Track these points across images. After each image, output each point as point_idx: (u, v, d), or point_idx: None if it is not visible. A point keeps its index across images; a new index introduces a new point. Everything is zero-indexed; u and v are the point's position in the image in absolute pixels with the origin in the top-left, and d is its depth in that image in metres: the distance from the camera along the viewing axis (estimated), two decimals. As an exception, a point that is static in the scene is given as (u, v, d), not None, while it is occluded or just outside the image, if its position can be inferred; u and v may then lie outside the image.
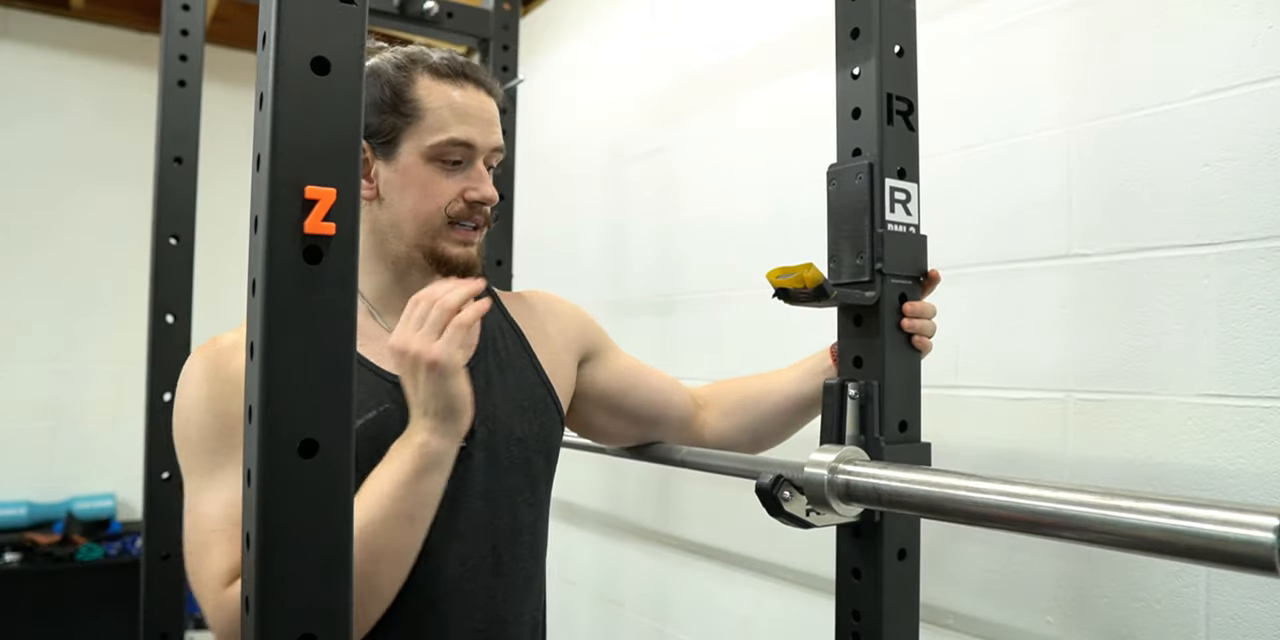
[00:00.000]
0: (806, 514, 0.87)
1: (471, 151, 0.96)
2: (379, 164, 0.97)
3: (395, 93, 0.95)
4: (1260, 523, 0.56)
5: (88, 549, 2.80)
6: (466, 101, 0.96)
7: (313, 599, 0.53)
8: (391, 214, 0.97)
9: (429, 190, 0.95)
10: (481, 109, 0.97)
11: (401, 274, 0.99)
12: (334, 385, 0.55)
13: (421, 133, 0.94)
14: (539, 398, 1.05)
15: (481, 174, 0.98)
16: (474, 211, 0.98)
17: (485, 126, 0.97)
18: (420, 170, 0.95)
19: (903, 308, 0.93)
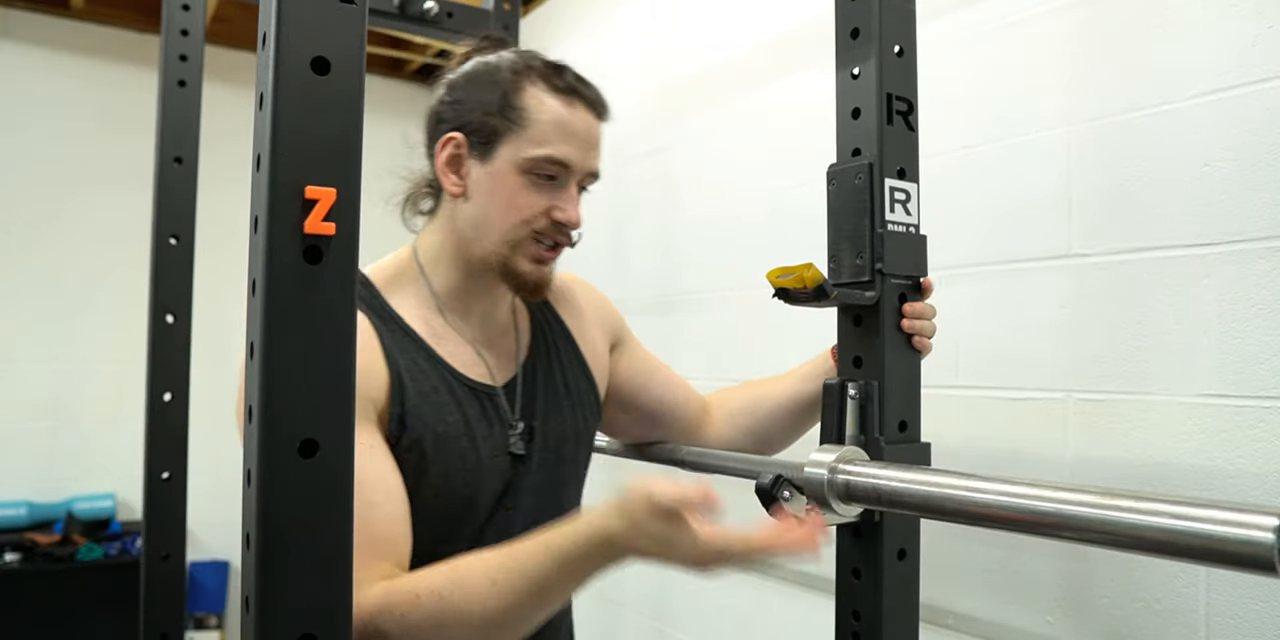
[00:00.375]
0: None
1: (566, 171, 0.95)
2: (473, 162, 0.95)
3: (504, 96, 0.94)
4: (1260, 523, 0.56)
5: (88, 549, 2.80)
6: (573, 120, 0.95)
7: (313, 599, 0.53)
8: (475, 215, 0.96)
9: (516, 201, 0.94)
10: (586, 131, 0.96)
11: (474, 276, 0.98)
12: (334, 385, 0.55)
13: (521, 142, 0.93)
14: (584, 391, 1.06)
15: (571, 196, 0.96)
16: (557, 232, 0.96)
17: (586, 149, 0.96)
18: (512, 179, 0.94)
19: (903, 308, 0.93)
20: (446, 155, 0.96)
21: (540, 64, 0.97)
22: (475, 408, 0.95)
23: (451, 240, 0.98)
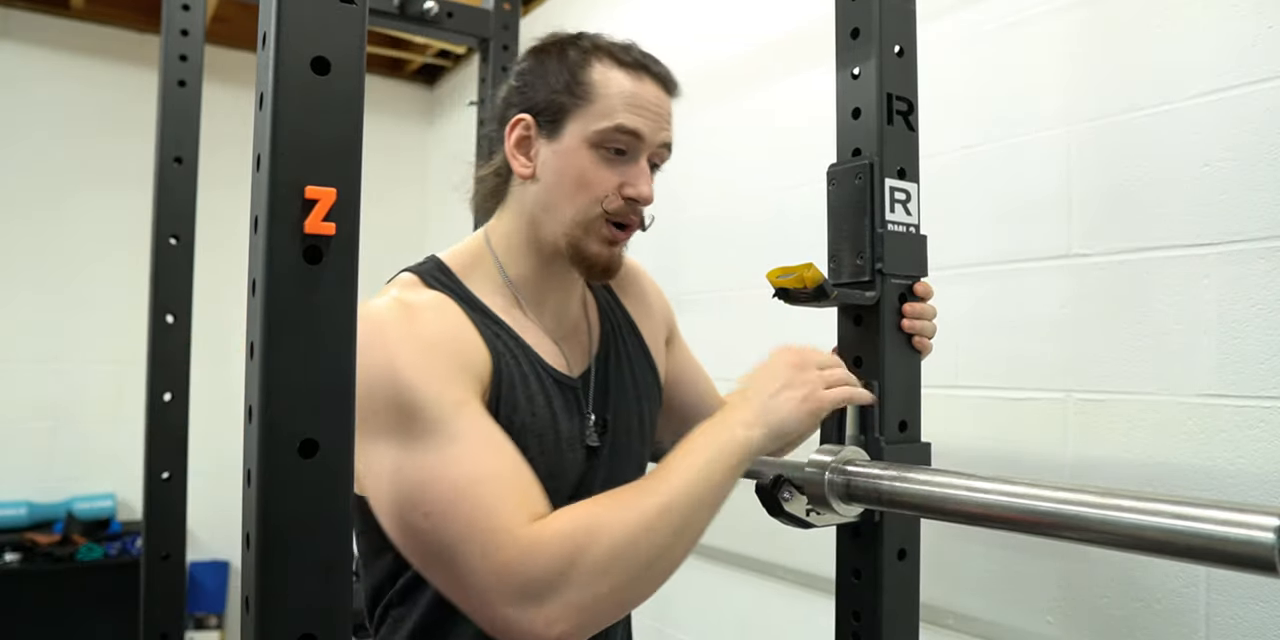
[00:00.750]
0: (806, 514, 0.87)
1: (638, 143, 0.92)
2: (541, 143, 0.93)
3: (571, 73, 0.93)
4: (1260, 523, 0.56)
5: (88, 549, 2.80)
6: (642, 92, 0.93)
7: (313, 599, 0.53)
8: (545, 196, 0.93)
9: (586, 178, 0.91)
10: (656, 103, 0.93)
11: (547, 262, 0.96)
12: (334, 385, 0.55)
13: (589, 117, 0.91)
14: (649, 383, 1.05)
15: (643, 170, 0.93)
16: (630, 210, 0.93)
17: (656, 120, 0.93)
18: (582, 155, 0.91)
19: (903, 308, 0.93)
20: (515, 137, 0.95)
21: (606, 42, 0.96)
22: (560, 399, 0.94)
23: (523, 224, 0.96)
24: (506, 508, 0.74)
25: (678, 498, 0.76)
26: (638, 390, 1.04)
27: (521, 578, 0.71)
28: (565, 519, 0.75)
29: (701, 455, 0.79)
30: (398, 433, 0.78)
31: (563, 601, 0.71)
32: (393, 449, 0.77)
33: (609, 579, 0.72)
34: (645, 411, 1.04)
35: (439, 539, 0.73)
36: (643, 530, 0.74)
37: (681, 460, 0.79)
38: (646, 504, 0.76)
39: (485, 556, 0.72)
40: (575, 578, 0.71)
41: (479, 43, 1.83)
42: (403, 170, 3.82)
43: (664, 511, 0.75)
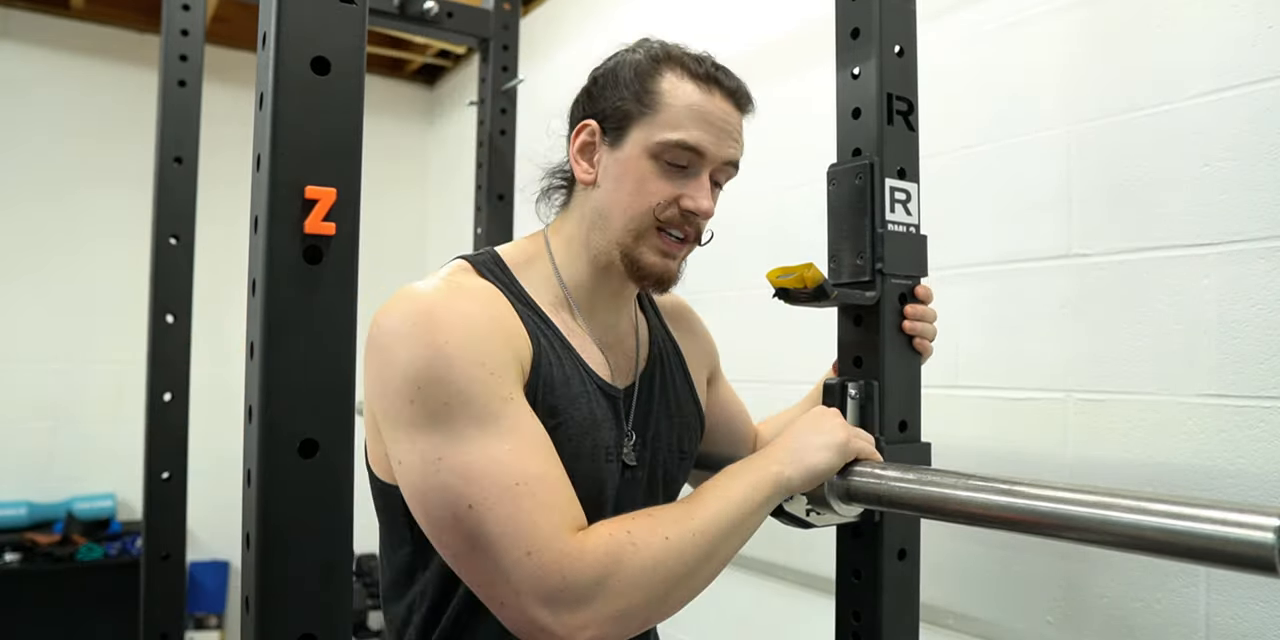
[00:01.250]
0: (806, 514, 0.87)
1: (700, 159, 0.90)
2: (604, 149, 0.93)
3: (640, 80, 0.91)
4: (1260, 523, 0.56)
5: (88, 549, 2.80)
6: (709, 106, 0.90)
7: (313, 599, 0.53)
8: (602, 202, 0.92)
9: (644, 187, 0.90)
10: (723, 118, 0.91)
11: (602, 271, 0.94)
12: (334, 385, 0.55)
13: (653, 127, 0.89)
14: (690, 413, 1.04)
15: (703, 185, 0.91)
16: (685, 221, 0.91)
17: (722, 137, 0.91)
18: (642, 164, 0.90)
19: (904, 310, 0.93)
20: (580, 142, 0.94)
21: (680, 53, 0.94)
22: (601, 406, 0.92)
23: (581, 230, 0.94)
24: (554, 512, 0.74)
25: (711, 523, 0.78)
26: (681, 417, 1.02)
27: (559, 582, 0.71)
28: (607, 530, 0.76)
29: (739, 486, 0.82)
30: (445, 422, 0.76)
31: (594, 610, 0.72)
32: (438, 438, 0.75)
33: (641, 593, 0.74)
34: (685, 440, 1.02)
35: (481, 532, 0.73)
36: (676, 550, 0.76)
37: (720, 488, 0.82)
38: (684, 526, 0.77)
39: (529, 555, 0.71)
40: (611, 588, 0.72)
41: (479, 43, 1.83)
42: (403, 170, 3.82)
43: (699, 534, 0.77)
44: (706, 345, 1.15)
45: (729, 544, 0.81)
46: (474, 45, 1.87)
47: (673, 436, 1.00)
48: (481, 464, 0.74)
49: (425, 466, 0.75)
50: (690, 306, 1.18)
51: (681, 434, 1.01)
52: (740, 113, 0.94)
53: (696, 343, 1.12)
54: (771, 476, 0.83)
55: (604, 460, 0.91)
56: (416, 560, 0.90)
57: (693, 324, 1.15)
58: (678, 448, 1.00)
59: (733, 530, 0.80)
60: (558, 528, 0.73)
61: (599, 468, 0.90)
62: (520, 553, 0.72)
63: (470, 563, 0.75)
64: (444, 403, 0.75)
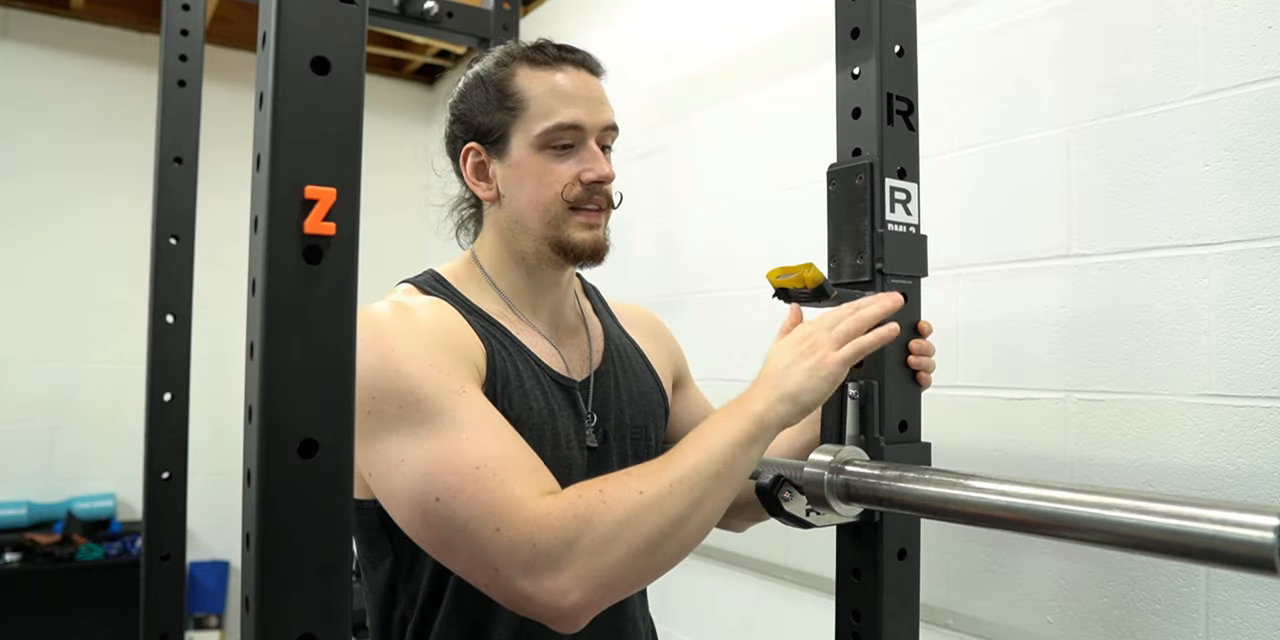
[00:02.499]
0: (806, 514, 0.87)
1: (581, 133, 0.94)
2: (494, 164, 0.96)
3: (498, 89, 0.95)
4: (1260, 523, 0.56)
5: (88, 549, 2.80)
6: (568, 83, 0.94)
7: (313, 599, 0.53)
8: (513, 210, 0.96)
9: (544, 178, 0.93)
10: (585, 88, 0.95)
11: (532, 272, 0.99)
12: (334, 385, 0.55)
13: (528, 122, 0.93)
14: (656, 403, 1.07)
15: (595, 154, 0.95)
16: (593, 192, 0.95)
17: (591, 105, 0.94)
18: (533, 161, 0.94)
19: (909, 346, 0.93)
20: (470, 166, 0.98)
21: (518, 49, 0.97)
22: (557, 397, 0.96)
23: (502, 243, 0.99)
24: (515, 483, 0.76)
25: (691, 471, 0.77)
26: (646, 405, 1.05)
27: (531, 550, 0.72)
28: (576, 492, 0.76)
29: (716, 432, 0.80)
30: (401, 424, 0.79)
31: (572, 572, 0.72)
32: (398, 441, 0.78)
33: (618, 550, 0.73)
34: (650, 427, 1.05)
35: (451, 521, 0.75)
36: (650, 502, 0.75)
37: (698, 437, 0.81)
38: (657, 478, 0.77)
39: (498, 531, 0.73)
40: (584, 548, 0.73)
41: (479, 43, 1.83)
42: (403, 170, 3.81)
43: (675, 484, 0.76)
44: (670, 348, 1.17)
45: (717, 491, 0.78)
46: (474, 45, 1.87)
47: (638, 422, 1.03)
48: (442, 457, 0.76)
49: (391, 472, 0.78)
50: (653, 314, 1.21)
51: (646, 421, 1.04)
52: (596, 77, 0.98)
53: (658, 345, 1.15)
54: (750, 415, 0.81)
55: (565, 448, 0.94)
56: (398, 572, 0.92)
57: (654, 328, 1.17)
58: (644, 434, 1.03)
59: (716, 476, 0.78)
60: (522, 498, 0.75)
61: (562, 455, 0.93)
62: (490, 530, 0.73)
63: (451, 553, 0.76)
64: (398, 407, 0.79)
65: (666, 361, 1.15)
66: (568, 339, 1.03)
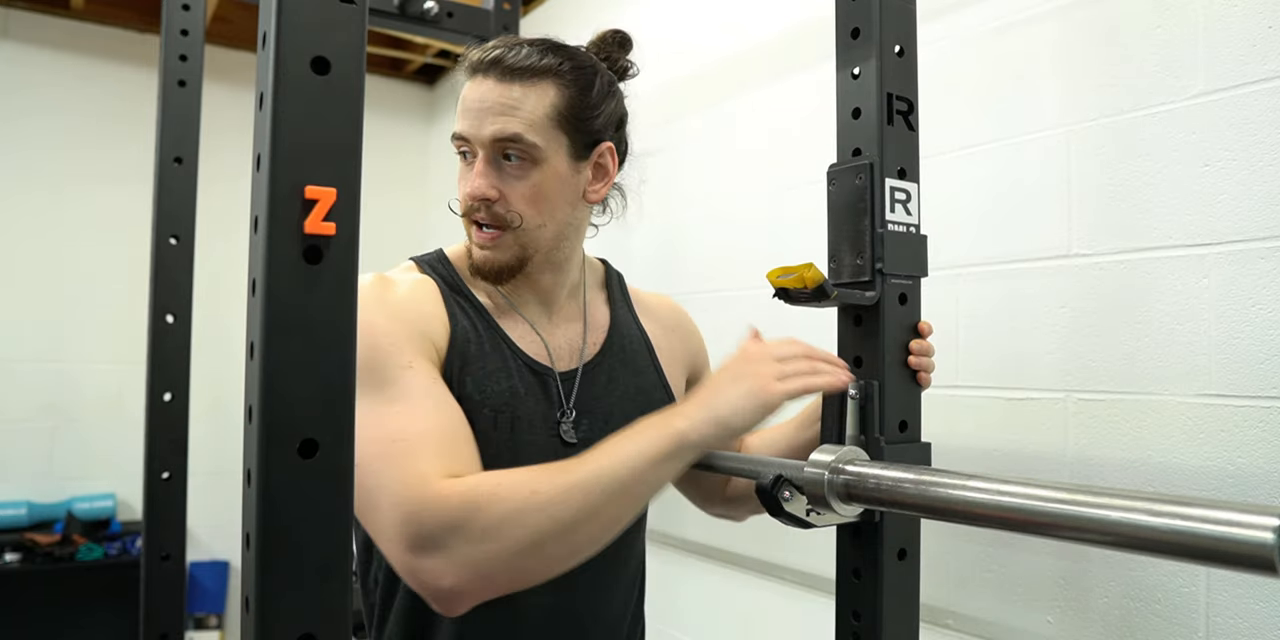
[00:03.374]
0: (806, 514, 0.87)
1: (470, 145, 0.93)
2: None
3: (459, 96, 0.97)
4: (1260, 523, 0.56)
5: (88, 549, 2.80)
6: (470, 93, 0.94)
7: (313, 599, 0.53)
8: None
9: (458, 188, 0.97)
10: (479, 100, 0.92)
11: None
12: (334, 385, 0.55)
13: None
14: (657, 400, 1.05)
15: (476, 170, 0.93)
16: (472, 209, 0.93)
17: (480, 117, 0.92)
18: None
19: (909, 346, 0.93)
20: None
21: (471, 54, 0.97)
22: (528, 382, 0.96)
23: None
24: (424, 461, 0.78)
25: (591, 480, 0.77)
26: (641, 403, 1.03)
27: (417, 527, 0.74)
28: (476, 479, 0.77)
29: (631, 443, 0.80)
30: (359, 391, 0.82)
31: (448, 556, 0.74)
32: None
33: (497, 544, 0.74)
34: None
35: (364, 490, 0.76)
36: (541, 503, 0.75)
37: (611, 445, 0.81)
38: (557, 480, 0.77)
39: (394, 506, 0.75)
40: (465, 534, 0.74)
41: (479, 43, 1.83)
42: (403, 170, 3.81)
43: (573, 490, 0.76)
44: (690, 342, 1.16)
45: (617, 502, 0.78)
46: (474, 45, 1.87)
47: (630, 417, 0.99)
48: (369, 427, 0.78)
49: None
50: (680, 308, 1.20)
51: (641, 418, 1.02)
52: (505, 83, 0.92)
53: (676, 340, 1.13)
54: (673, 433, 0.80)
55: (526, 431, 0.95)
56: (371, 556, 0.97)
57: (675, 320, 1.16)
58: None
59: (620, 489, 0.77)
60: (425, 477, 0.76)
61: (525, 440, 0.94)
62: (389, 503, 0.75)
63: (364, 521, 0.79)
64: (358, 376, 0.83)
65: (682, 356, 1.13)
66: (558, 329, 1.03)
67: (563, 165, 0.94)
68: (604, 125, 0.99)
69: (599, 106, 0.97)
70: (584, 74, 0.97)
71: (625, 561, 1.04)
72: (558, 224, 0.96)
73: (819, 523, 0.88)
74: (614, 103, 1.01)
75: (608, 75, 1.02)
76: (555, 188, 0.94)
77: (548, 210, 0.94)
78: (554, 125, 0.93)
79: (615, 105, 1.02)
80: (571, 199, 0.97)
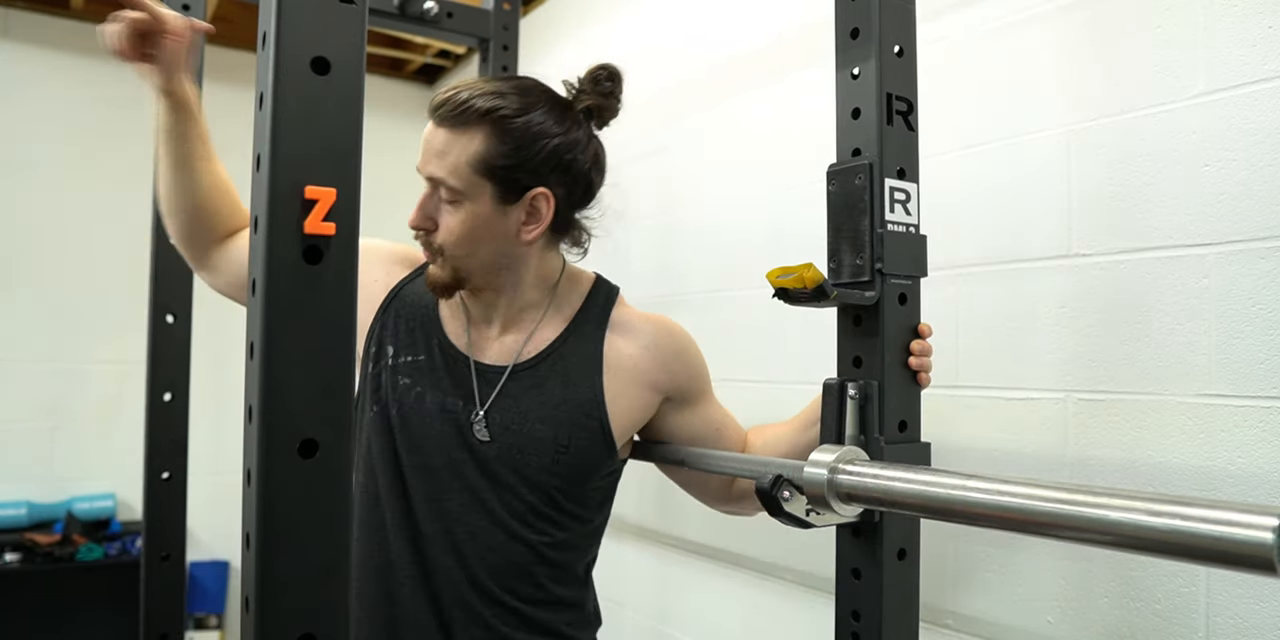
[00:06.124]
0: (806, 514, 0.87)
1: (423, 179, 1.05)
2: None
3: None
4: (1260, 523, 0.56)
5: (88, 549, 2.80)
6: (424, 131, 1.06)
7: (312, 599, 0.53)
8: None
9: None
10: (425, 139, 1.05)
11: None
12: (334, 385, 0.55)
13: None
14: (582, 415, 1.06)
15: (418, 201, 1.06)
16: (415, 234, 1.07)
17: (422, 156, 1.05)
18: None
19: (910, 346, 0.93)
20: None
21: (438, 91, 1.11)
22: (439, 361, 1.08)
23: None
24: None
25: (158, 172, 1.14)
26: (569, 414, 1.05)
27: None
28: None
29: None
30: None
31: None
32: None
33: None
34: (567, 436, 1.05)
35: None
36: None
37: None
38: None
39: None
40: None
41: (479, 43, 1.83)
42: (403, 170, 3.81)
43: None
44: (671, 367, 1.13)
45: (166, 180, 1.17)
46: (474, 45, 1.87)
47: (543, 425, 1.05)
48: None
49: None
50: (676, 331, 1.16)
51: (556, 430, 1.05)
52: (440, 127, 1.03)
53: (650, 360, 1.11)
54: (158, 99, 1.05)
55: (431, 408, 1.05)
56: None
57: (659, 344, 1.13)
58: (553, 439, 1.05)
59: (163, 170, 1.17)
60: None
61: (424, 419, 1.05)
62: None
63: None
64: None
65: (655, 376, 1.11)
66: (497, 331, 1.10)
67: (486, 208, 1.01)
68: (538, 172, 1.01)
69: (533, 155, 1.01)
70: (522, 123, 1.01)
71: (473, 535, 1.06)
72: (488, 256, 1.04)
73: (819, 523, 0.88)
74: (558, 148, 1.02)
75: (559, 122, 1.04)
76: (479, 227, 1.01)
77: (472, 245, 1.02)
78: (475, 172, 1.00)
79: (561, 150, 1.02)
80: (501, 237, 1.03)
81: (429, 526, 1.04)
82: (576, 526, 1.10)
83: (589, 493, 1.10)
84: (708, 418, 1.17)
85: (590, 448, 1.07)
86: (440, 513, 1.04)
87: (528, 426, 1.04)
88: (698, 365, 1.17)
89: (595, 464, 1.08)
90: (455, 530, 1.04)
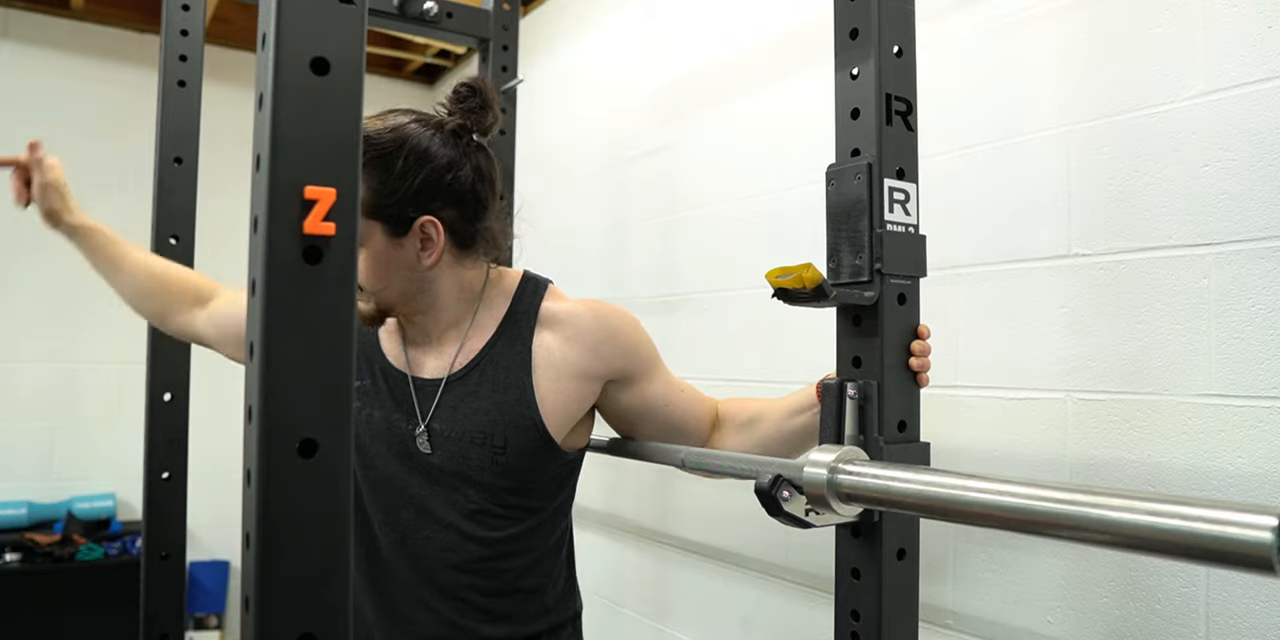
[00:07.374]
0: (806, 514, 0.87)
1: None
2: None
3: None
4: (1260, 523, 0.56)
5: (88, 549, 2.80)
6: None
7: (313, 599, 0.53)
8: None
9: None
10: None
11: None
12: (334, 385, 0.55)
13: None
14: (515, 416, 1.09)
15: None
16: None
17: None
18: None
19: (911, 347, 0.93)
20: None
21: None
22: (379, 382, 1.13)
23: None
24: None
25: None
26: (497, 414, 1.09)
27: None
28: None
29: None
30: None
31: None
32: None
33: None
34: (501, 436, 1.09)
35: None
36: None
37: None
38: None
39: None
40: None
41: (479, 43, 1.83)
42: (403, 170, 3.81)
43: None
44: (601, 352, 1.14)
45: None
46: (474, 45, 1.87)
47: (483, 428, 1.09)
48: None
49: None
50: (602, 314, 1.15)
51: (494, 429, 1.09)
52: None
53: (576, 350, 1.13)
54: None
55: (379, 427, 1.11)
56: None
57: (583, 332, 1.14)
58: (489, 440, 1.09)
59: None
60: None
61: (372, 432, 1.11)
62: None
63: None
64: None
65: (586, 365, 1.12)
66: (430, 347, 1.15)
67: (381, 245, 1.04)
68: (418, 202, 1.04)
69: (409, 189, 1.03)
70: (382, 162, 1.03)
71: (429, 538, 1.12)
72: (401, 285, 1.08)
73: (818, 523, 0.88)
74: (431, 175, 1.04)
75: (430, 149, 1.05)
76: (382, 263, 1.05)
77: (382, 279, 1.07)
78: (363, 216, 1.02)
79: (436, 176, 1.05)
80: (404, 267, 1.07)
81: (387, 536, 1.11)
82: (531, 519, 1.14)
83: (541, 486, 1.14)
84: (654, 394, 1.18)
85: (528, 447, 1.10)
86: (394, 523, 1.11)
87: (466, 433, 1.09)
88: (633, 344, 1.16)
89: (536, 461, 1.11)
90: (411, 537, 1.10)
